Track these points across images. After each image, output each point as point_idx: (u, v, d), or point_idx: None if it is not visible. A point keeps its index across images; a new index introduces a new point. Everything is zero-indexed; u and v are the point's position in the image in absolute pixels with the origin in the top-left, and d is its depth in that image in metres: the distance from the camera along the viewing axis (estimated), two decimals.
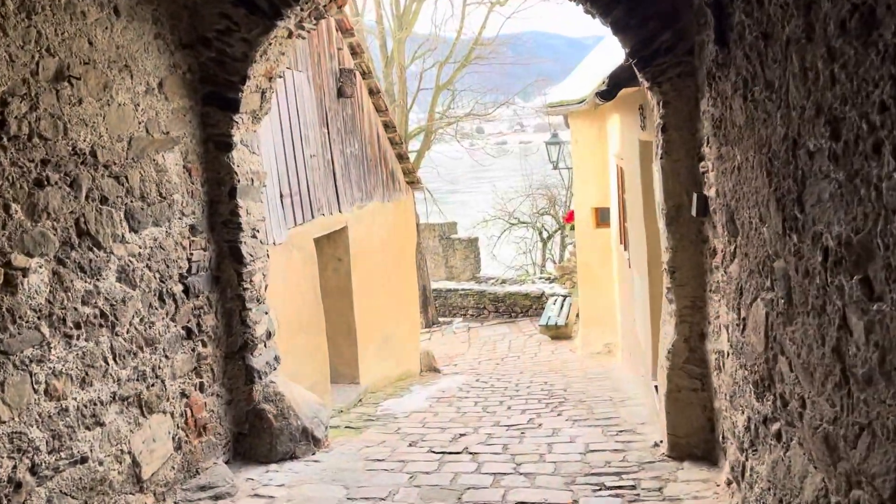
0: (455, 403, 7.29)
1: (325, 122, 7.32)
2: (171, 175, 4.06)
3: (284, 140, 6.22)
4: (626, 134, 6.84)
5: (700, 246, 4.14)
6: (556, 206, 21.04)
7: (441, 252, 18.86)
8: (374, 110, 9.08)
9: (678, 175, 4.14)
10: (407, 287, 10.24)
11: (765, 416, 2.63)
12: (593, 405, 6.57)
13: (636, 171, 6.14)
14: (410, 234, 10.63)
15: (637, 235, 6.59)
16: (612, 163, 9.01)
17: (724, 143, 2.99)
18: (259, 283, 4.81)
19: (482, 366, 11.69)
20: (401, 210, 10.08)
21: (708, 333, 4.14)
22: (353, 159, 8.17)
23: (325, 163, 7.21)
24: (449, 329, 16.38)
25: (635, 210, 6.56)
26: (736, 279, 2.99)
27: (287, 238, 6.05)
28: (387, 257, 9.21)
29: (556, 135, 16.50)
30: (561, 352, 12.21)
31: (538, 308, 16.16)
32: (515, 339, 14.33)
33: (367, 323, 8.16)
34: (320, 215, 6.96)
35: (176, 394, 4.02)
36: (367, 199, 8.56)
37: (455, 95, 17.70)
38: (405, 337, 9.85)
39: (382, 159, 9.32)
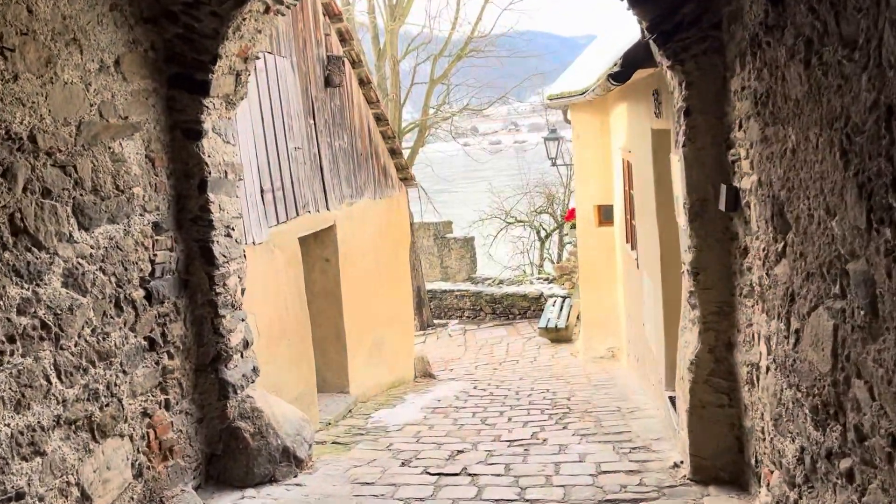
0: (452, 414, 6.86)
1: (312, 112, 6.88)
2: (130, 165, 3.60)
3: (266, 130, 5.77)
4: (635, 124, 6.41)
5: (728, 245, 3.71)
6: (554, 204, 20.60)
7: (436, 252, 18.41)
8: (365, 102, 8.64)
9: (703, 165, 3.72)
10: (400, 288, 9.80)
11: (829, 450, 2.19)
12: (601, 417, 6.14)
13: (647, 163, 5.72)
14: (404, 233, 10.19)
15: (647, 234, 6.16)
16: (618, 157, 8.59)
17: (772, 122, 2.55)
18: (234, 286, 4.36)
19: (479, 371, 11.25)
20: (393, 208, 9.64)
21: (737, 343, 3.71)
22: (342, 153, 7.72)
23: (311, 156, 6.76)
24: (444, 332, 15.95)
25: (646, 206, 6.13)
26: (785, 283, 2.56)
27: (268, 237, 5.60)
28: (379, 257, 8.77)
29: (554, 130, 16.08)
30: (562, 356, 11.78)
31: (537, 310, 15.73)
32: (514, 341, 13.90)
33: (358, 327, 7.72)
34: (306, 213, 6.51)
35: (136, 414, 3.57)
36: (358, 195, 8.12)
37: (450, 90, 17.26)
38: (398, 341, 9.41)
39: (373, 154, 8.87)
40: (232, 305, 4.33)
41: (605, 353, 10.52)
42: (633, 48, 4.32)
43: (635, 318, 7.91)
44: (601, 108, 9.91)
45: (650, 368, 6.66)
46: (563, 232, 20.25)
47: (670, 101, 4.41)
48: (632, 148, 6.88)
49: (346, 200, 7.66)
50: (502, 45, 18.56)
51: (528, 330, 14.80)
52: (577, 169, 10.58)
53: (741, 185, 3.36)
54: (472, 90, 17.21)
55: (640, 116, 6.06)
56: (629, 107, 6.87)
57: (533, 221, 20.85)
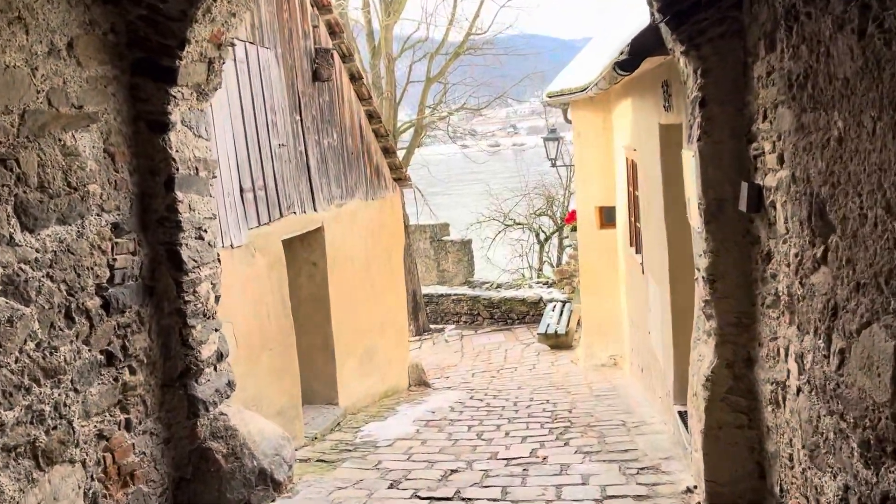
0: (446, 428, 6.52)
1: (298, 108, 6.54)
2: (85, 160, 3.26)
3: (247, 125, 5.43)
4: (641, 120, 6.09)
5: (748, 249, 3.38)
6: (553, 206, 20.26)
7: (432, 255, 18.06)
8: (357, 98, 8.30)
9: (721, 161, 3.38)
10: (394, 293, 9.46)
11: (885, 494, 1.86)
12: (604, 432, 5.80)
13: (655, 161, 5.39)
14: (398, 236, 9.85)
15: (654, 237, 5.83)
16: (621, 156, 8.26)
17: (811, 107, 2.22)
18: (206, 293, 4.02)
19: (476, 379, 10.91)
20: (387, 209, 9.31)
21: (758, 358, 3.38)
22: (332, 152, 7.38)
23: (297, 154, 6.43)
24: (441, 337, 15.60)
25: (653, 208, 5.80)
26: (825, 294, 2.22)
27: (248, 240, 5.27)
28: (371, 261, 8.43)
29: (554, 130, 15.75)
30: (562, 363, 11.44)
31: (535, 315, 15.40)
32: (512, 348, 13.56)
33: (348, 335, 7.37)
34: (291, 214, 6.17)
35: (90, 436, 3.22)
36: (348, 196, 7.78)
37: (447, 90, 16.91)
38: (391, 349, 9.06)
39: (366, 153, 8.53)
40: (203, 314, 3.99)
41: (606, 360, 10.19)
42: (641, 34, 3.99)
43: (639, 325, 7.58)
44: (603, 106, 9.58)
45: (656, 380, 6.33)
46: (563, 235, 19.92)
47: (682, 93, 4.09)
48: (637, 146, 6.56)
49: (335, 201, 7.32)
50: (500, 45, 18.24)
51: (527, 335, 14.46)
52: (578, 169, 10.25)
53: (765, 183, 3.03)
54: (469, 89, 16.88)
55: (646, 111, 5.73)
56: (634, 102, 6.55)
57: (532, 224, 20.51)
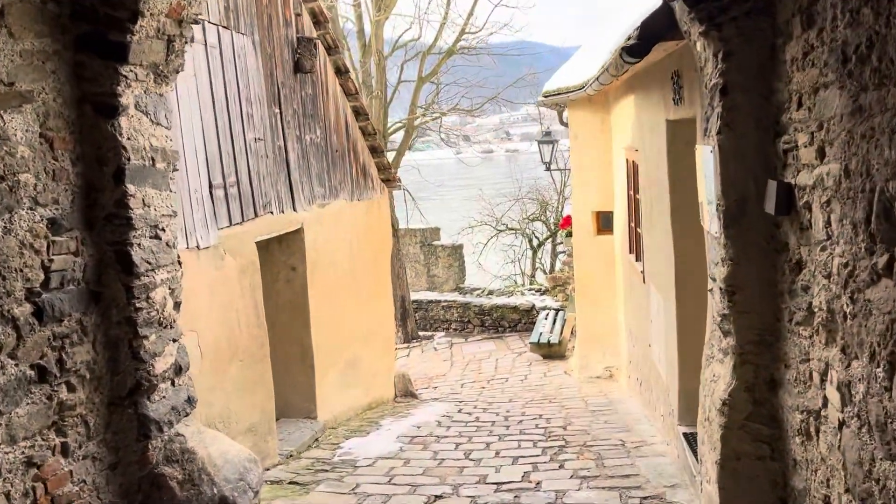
0: (432, 446, 6.11)
1: (277, 100, 6.14)
2: (15, 145, 2.86)
3: (218, 116, 5.02)
4: (645, 117, 5.72)
5: (773, 257, 3.01)
6: (547, 211, 19.90)
7: (422, 260, 17.65)
8: (342, 93, 7.91)
9: (744, 156, 3.01)
10: (380, 300, 9.05)
11: None
12: (602, 453, 5.42)
13: (661, 161, 5.02)
14: (385, 239, 9.45)
15: (658, 243, 5.46)
16: (621, 158, 7.90)
17: (875, 83, 1.85)
18: (162, 300, 3.61)
19: (465, 390, 10.51)
20: (374, 211, 8.91)
21: (783, 381, 3.00)
22: (314, 148, 6.98)
23: (275, 150, 6.02)
24: (430, 345, 15.19)
25: (657, 211, 5.43)
26: (889, 313, 1.84)
27: (218, 241, 4.85)
28: (355, 265, 8.02)
29: (549, 132, 15.38)
30: (555, 374, 11.05)
31: (528, 323, 15.01)
32: (503, 357, 13.17)
33: (329, 344, 6.96)
34: (267, 213, 5.76)
35: (16, 464, 2.81)
36: (331, 196, 7.38)
37: (439, 90, 16.54)
38: (376, 358, 8.65)
39: (351, 151, 8.14)
40: (159, 323, 3.58)
41: (602, 372, 9.82)
42: (652, 17, 3.61)
43: (639, 337, 7.21)
44: (601, 106, 9.23)
45: (658, 396, 5.95)
46: (557, 241, 19.58)
47: (695, 83, 3.72)
48: (640, 146, 6.19)
49: (317, 201, 6.91)
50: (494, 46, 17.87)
51: (519, 344, 14.08)
52: (575, 172, 9.89)
53: (797, 181, 2.66)
54: (462, 90, 16.52)
55: (651, 108, 5.37)
56: (637, 99, 6.18)
57: (525, 229, 20.15)
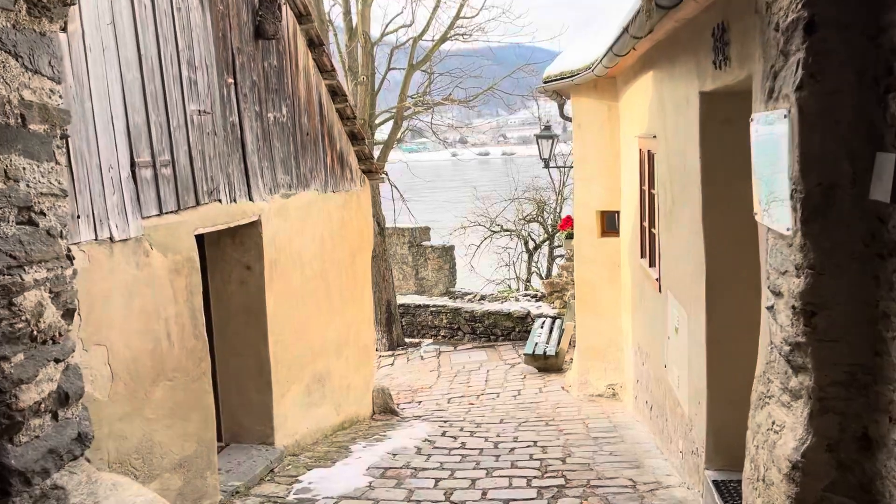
0: (407, 481, 5.26)
1: (231, 68, 5.27)
2: None
3: (148, 79, 4.15)
4: (669, 94, 4.88)
5: (873, 266, 2.17)
6: (544, 212, 19.08)
7: (410, 261, 16.79)
8: (316, 69, 7.05)
9: (836, 122, 2.17)
10: (357, 305, 8.19)
11: None
12: (610, 497, 4.57)
13: (689, 146, 4.18)
14: (365, 237, 8.59)
15: (682, 245, 4.62)
16: (632, 149, 7.06)
17: None
18: (35, 307, 2.73)
19: (452, 406, 9.65)
20: (352, 205, 8.05)
21: (884, 440, 2.16)
22: (279, 129, 6.12)
23: (227, 127, 5.15)
24: (416, 353, 14.32)
25: (680, 208, 4.60)
26: None
27: (141, 232, 3.99)
28: (327, 265, 7.16)
29: (548, 127, 14.54)
30: (551, 389, 10.20)
31: (522, 331, 14.18)
32: (495, 368, 12.31)
33: (291, 356, 6.09)
34: (213, 201, 4.89)
35: None
36: (300, 185, 6.51)
37: (432, 79, 15.69)
38: (351, 372, 7.79)
39: (325, 136, 7.28)
40: (30, 338, 2.70)
41: (604, 390, 8.98)
42: None
43: (650, 354, 6.37)
44: (608, 92, 8.40)
45: (675, 428, 5.11)
46: (555, 243, 18.76)
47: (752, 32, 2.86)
48: (658, 131, 5.35)
49: (280, 190, 6.05)
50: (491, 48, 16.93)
51: (512, 354, 13.23)
52: (577, 167, 9.05)
53: None
54: (456, 79, 15.67)
55: (678, 81, 4.52)
56: (657, 75, 5.34)
57: (521, 230, 19.31)
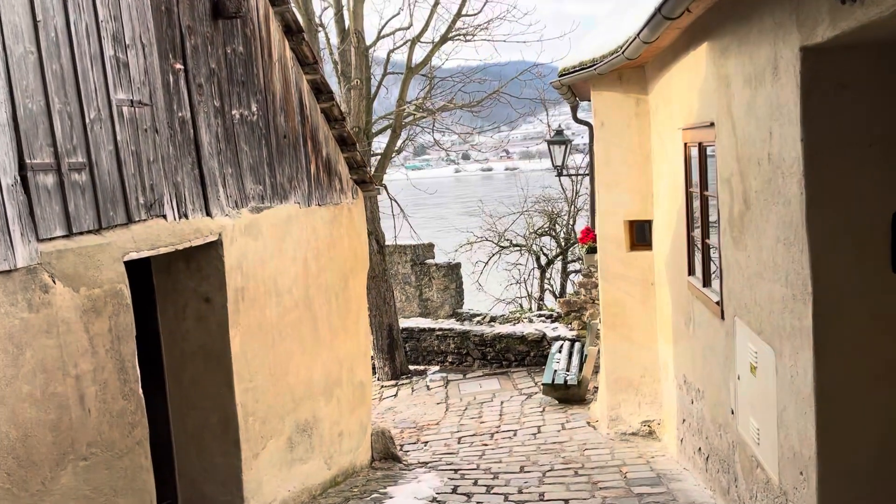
0: None
1: (180, 51, 4.29)
2: None
3: (46, 53, 3.17)
4: (736, 68, 3.85)
5: None
6: (557, 224, 18.03)
7: (413, 281, 15.75)
8: (296, 61, 6.08)
9: None
10: (351, 336, 7.17)
11: None
12: None
13: (781, 127, 3.16)
14: (359, 257, 7.58)
15: (767, 261, 3.58)
16: (672, 145, 6.05)
17: None
18: None
19: (463, 448, 8.59)
20: (342, 220, 7.06)
21: None
22: (247, 129, 5.14)
23: (173, 123, 4.16)
24: (422, 382, 13.26)
25: (765, 211, 3.57)
26: None
27: (35, 260, 2.98)
28: (314, 292, 6.15)
29: (560, 132, 13.60)
30: (576, 425, 9.12)
31: (537, 356, 13.08)
32: (509, 399, 11.23)
33: (267, 405, 5.06)
34: (154, 217, 3.89)
35: None
36: (275, 197, 5.52)
37: (433, 84, 14.76)
38: (345, 416, 6.75)
39: (309, 139, 6.30)
40: None
41: (638, 427, 7.90)
42: None
43: (706, 393, 5.32)
44: (636, 84, 7.42)
45: (754, 495, 4.03)
46: (568, 258, 17.68)
47: None
48: (718, 116, 4.34)
49: (249, 203, 5.05)
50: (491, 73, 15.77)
51: (528, 382, 12.14)
52: (600, 171, 8.03)
53: None
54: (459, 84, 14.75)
55: (755, 45, 3.51)
56: (715, 46, 4.32)
57: (531, 245, 18.25)
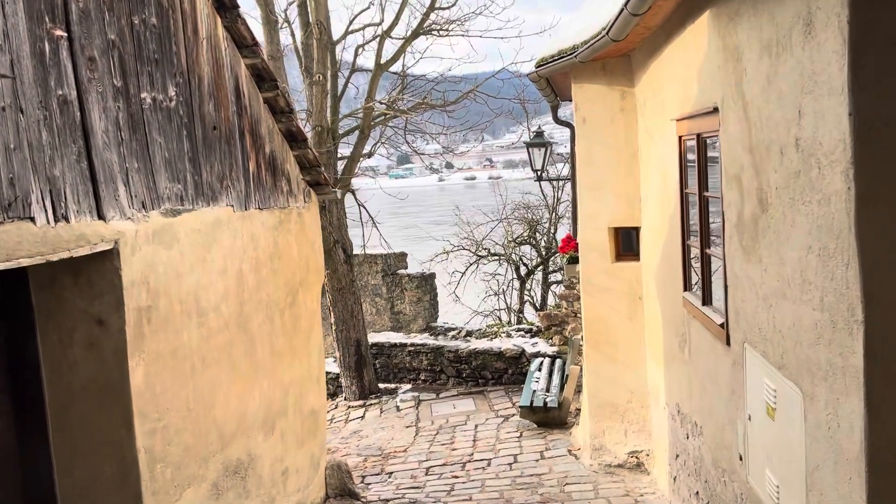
0: None
1: (62, 13, 3.52)
2: None
3: None
4: (750, 36, 3.14)
5: None
6: (537, 233, 17.35)
7: (384, 293, 14.98)
8: (232, 43, 5.32)
9: None
10: (300, 358, 6.38)
11: None
12: None
13: (816, 103, 2.46)
14: (312, 267, 6.81)
15: (791, 275, 2.87)
16: (664, 139, 5.36)
17: None
18: None
19: (431, 481, 7.82)
20: (291, 226, 6.28)
21: None
22: (162, 117, 4.35)
23: (48, 102, 3.38)
24: (392, 402, 12.44)
25: (789, 213, 2.86)
26: None
27: None
28: (250, 309, 5.37)
29: (540, 133, 12.91)
30: (556, 453, 8.38)
31: (516, 373, 12.34)
32: (484, 422, 10.46)
33: (182, 448, 4.26)
34: (16, 220, 3.10)
35: None
36: (200, 198, 4.73)
37: (405, 83, 14.02)
38: (291, 450, 5.96)
39: (247, 133, 5.52)
40: None
41: (625, 459, 7.18)
42: None
43: (705, 429, 4.59)
44: (621, 75, 6.74)
45: None
46: (549, 268, 16.99)
47: None
48: (724, 99, 3.63)
49: (163, 204, 4.26)
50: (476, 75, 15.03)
51: (505, 403, 11.38)
52: (582, 172, 7.32)
53: None
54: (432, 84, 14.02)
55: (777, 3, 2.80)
56: (720, 14, 3.62)
57: (511, 255, 17.55)
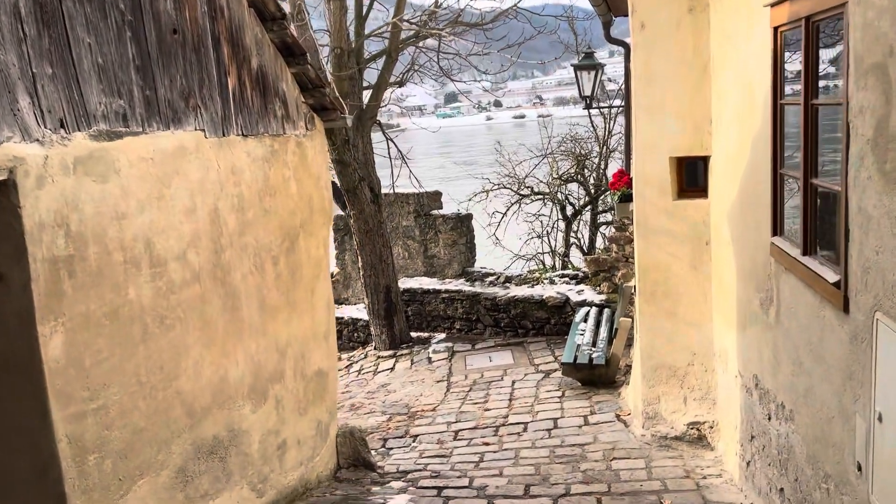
0: None
1: None
2: None
3: None
4: None
5: None
6: (585, 169, 16.12)
7: (417, 235, 14.09)
8: None
9: None
10: (302, 313, 5.56)
11: None
12: None
13: None
14: (317, 207, 5.92)
15: None
16: (753, 39, 4.23)
17: None
18: None
19: (458, 450, 7.03)
20: (289, 158, 5.39)
21: None
22: (91, 10, 3.43)
23: None
24: (423, 353, 11.70)
25: None
26: None
27: None
28: (233, 257, 4.53)
29: (589, 54, 11.64)
30: (602, 419, 7.49)
31: (559, 323, 11.42)
32: (523, 378, 9.63)
33: (131, 431, 3.49)
34: None
35: None
36: (156, 119, 3.84)
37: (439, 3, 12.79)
38: (289, 420, 5.19)
39: (224, 40, 4.58)
40: None
41: (683, 430, 6.24)
42: None
43: (797, 414, 3.62)
44: None
45: None
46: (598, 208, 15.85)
47: None
48: None
49: (93, 125, 3.37)
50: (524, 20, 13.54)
51: (546, 356, 10.51)
52: (639, 92, 6.18)
53: None
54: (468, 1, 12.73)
55: None
56: None
57: (556, 193, 16.40)
